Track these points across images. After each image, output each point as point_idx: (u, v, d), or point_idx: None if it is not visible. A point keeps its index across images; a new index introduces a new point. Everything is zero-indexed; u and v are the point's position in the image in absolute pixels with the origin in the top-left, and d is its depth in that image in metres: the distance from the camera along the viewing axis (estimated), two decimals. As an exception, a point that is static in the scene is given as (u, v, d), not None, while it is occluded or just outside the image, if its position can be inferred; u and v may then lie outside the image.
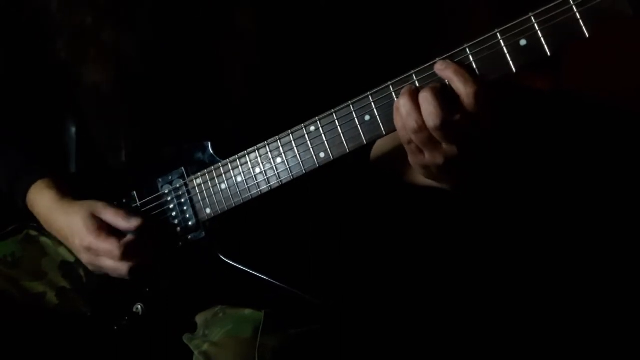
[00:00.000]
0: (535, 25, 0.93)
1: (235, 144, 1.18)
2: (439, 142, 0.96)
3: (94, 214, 1.21)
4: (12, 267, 1.35)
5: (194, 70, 1.26)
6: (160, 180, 1.26)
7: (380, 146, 1.25)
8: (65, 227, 1.24)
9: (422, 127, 0.95)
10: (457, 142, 0.95)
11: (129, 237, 1.20)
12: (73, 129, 1.37)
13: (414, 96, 0.95)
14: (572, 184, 1.91)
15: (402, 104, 0.96)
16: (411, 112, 0.95)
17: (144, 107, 1.29)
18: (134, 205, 1.29)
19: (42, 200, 1.28)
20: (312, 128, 1.11)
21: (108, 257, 1.20)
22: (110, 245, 1.18)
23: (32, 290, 1.33)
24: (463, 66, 0.95)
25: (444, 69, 0.95)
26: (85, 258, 1.23)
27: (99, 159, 1.33)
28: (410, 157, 1.02)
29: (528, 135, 1.72)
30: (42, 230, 1.40)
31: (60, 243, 1.37)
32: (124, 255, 1.18)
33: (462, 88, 0.93)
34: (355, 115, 1.07)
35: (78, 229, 1.21)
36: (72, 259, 1.37)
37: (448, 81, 0.95)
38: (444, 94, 0.94)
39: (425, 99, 0.93)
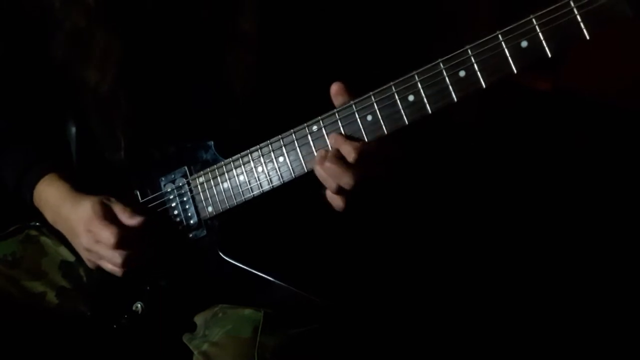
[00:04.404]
0: (537, 27, 0.94)
1: (238, 143, 1.19)
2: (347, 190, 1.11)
3: (104, 202, 1.23)
4: (12, 266, 1.36)
5: (196, 72, 1.26)
6: (163, 179, 1.27)
7: None
8: (72, 215, 1.25)
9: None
10: (358, 187, 1.11)
11: (129, 229, 1.21)
12: (73, 129, 1.37)
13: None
14: (571, 184, 1.92)
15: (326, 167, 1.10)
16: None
17: (145, 108, 1.29)
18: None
19: (54, 190, 1.29)
20: (315, 127, 1.11)
21: (105, 244, 1.21)
22: (109, 231, 1.20)
23: (32, 289, 1.34)
24: (348, 140, 1.08)
25: (333, 143, 1.10)
26: (85, 242, 1.23)
27: (101, 159, 1.33)
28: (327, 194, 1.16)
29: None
30: (42, 230, 1.40)
31: (60, 242, 1.37)
32: (119, 244, 1.19)
33: (348, 155, 1.08)
34: (357, 116, 1.07)
35: (85, 213, 1.22)
36: (72, 259, 1.37)
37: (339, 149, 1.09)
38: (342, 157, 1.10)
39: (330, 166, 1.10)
